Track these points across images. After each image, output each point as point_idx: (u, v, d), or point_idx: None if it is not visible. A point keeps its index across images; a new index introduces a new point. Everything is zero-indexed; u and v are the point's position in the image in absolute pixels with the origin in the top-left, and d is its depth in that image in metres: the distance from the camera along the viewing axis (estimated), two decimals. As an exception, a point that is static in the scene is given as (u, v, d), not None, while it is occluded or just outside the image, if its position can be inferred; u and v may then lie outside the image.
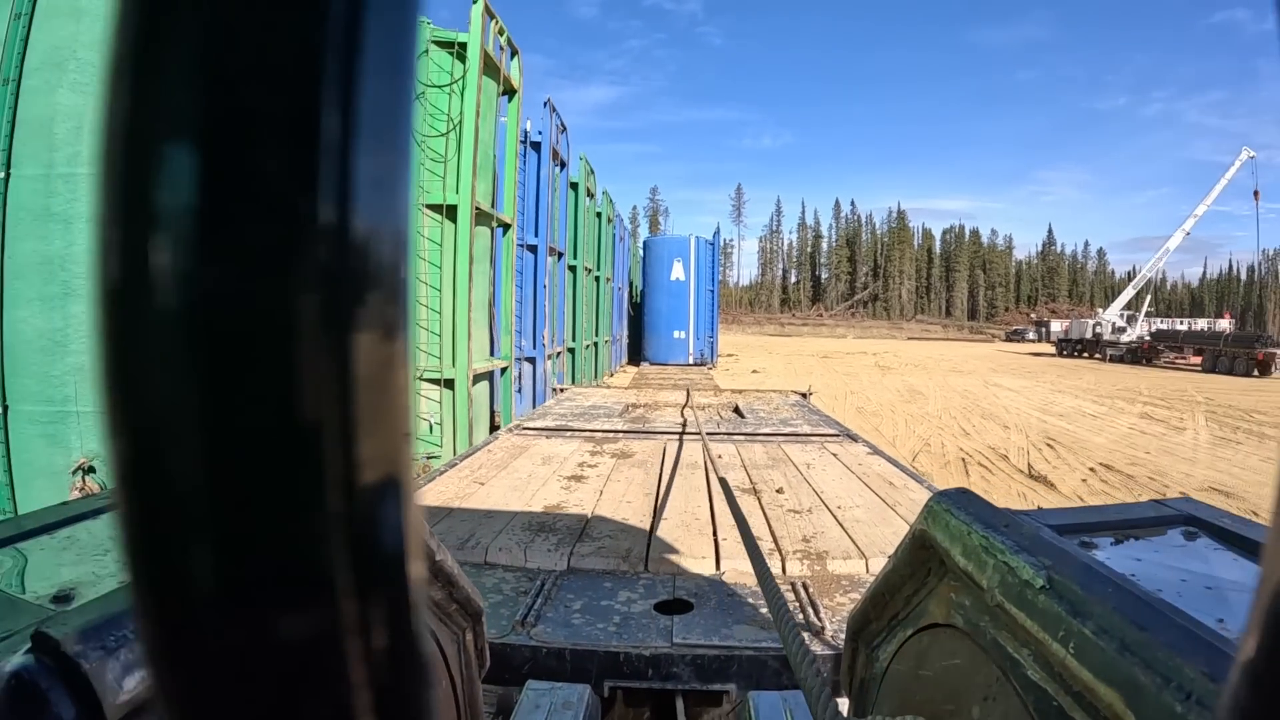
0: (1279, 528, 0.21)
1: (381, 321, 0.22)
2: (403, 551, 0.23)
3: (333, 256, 0.21)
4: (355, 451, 0.22)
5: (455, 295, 8.89)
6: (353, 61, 0.21)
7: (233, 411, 0.21)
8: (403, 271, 0.23)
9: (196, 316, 0.20)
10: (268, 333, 0.21)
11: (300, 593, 0.22)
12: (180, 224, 0.20)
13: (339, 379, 0.21)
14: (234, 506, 0.21)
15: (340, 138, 0.21)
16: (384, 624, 0.23)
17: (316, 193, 0.20)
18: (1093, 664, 0.76)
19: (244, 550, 0.21)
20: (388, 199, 0.22)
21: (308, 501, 0.21)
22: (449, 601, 1.39)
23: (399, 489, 0.23)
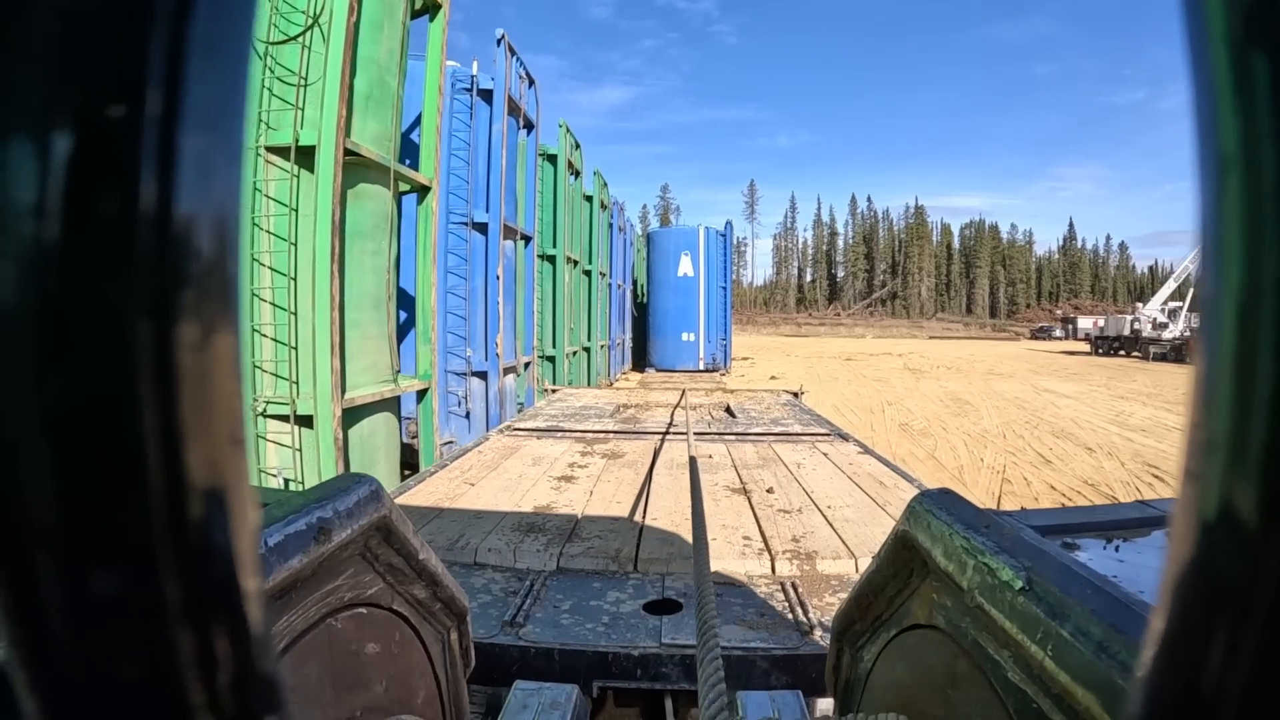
0: (1183, 511, 0.21)
1: (202, 319, 0.21)
2: (233, 564, 0.22)
3: (146, 247, 0.20)
4: (176, 456, 0.21)
5: (315, 287, 5.68)
6: (178, 43, 0.20)
7: (49, 417, 0.20)
8: (228, 263, 0.21)
9: (13, 317, 0.19)
10: (77, 331, 0.20)
11: (131, 607, 0.21)
12: (2, 219, 0.19)
13: (156, 381, 0.20)
14: (65, 518, 0.20)
15: (160, 124, 0.20)
16: (223, 646, 0.22)
17: (131, 178, 0.19)
18: (1070, 666, 0.75)
19: (78, 565, 0.20)
20: (212, 183, 0.21)
21: (128, 517, 0.20)
22: (433, 601, 1.37)
23: (227, 498, 0.22)
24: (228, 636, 0.22)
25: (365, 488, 1.13)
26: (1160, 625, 0.22)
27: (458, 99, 10.10)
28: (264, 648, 0.23)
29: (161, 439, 0.20)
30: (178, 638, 0.21)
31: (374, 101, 6.65)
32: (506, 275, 10.73)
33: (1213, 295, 0.21)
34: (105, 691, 0.21)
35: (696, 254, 26.98)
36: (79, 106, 0.19)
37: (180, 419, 0.21)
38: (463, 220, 9.82)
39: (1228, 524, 0.20)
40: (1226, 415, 0.20)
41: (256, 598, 0.23)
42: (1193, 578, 0.21)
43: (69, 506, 0.20)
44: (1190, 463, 0.21)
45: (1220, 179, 0.21)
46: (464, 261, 9.80)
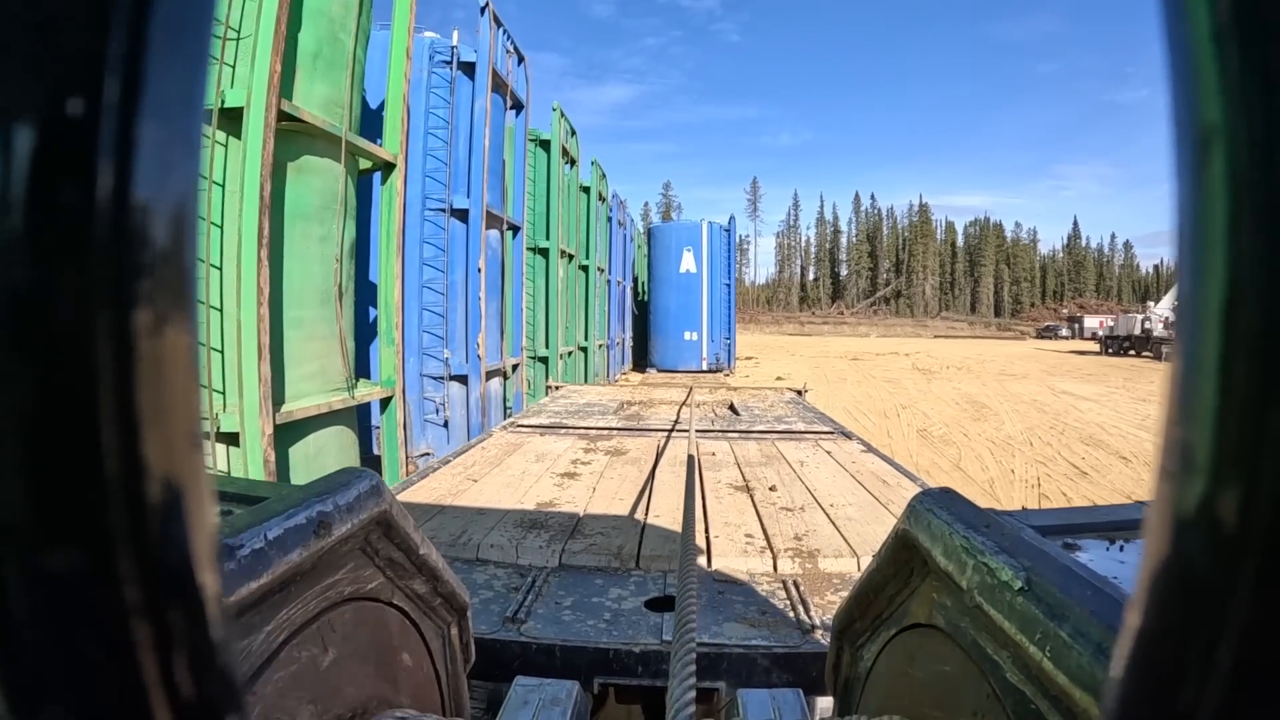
0: (1158, 510, 0.21)
1: (157, 309, 0.21)
2: (190, 562, 0.22)
3: (103, 237, 0.20)
4: (130, 451, 0.20)
5: (241, 277, 4.68)
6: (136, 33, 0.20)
7: (5, 407, 0.20)
8: (184, 256, 0.21)
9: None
10: (31, 322, 0.20)
11: (87, 603, 0.21)
12: None
13: (110, 374, 0.20)
14: (25, 511, 0.20)
15: (117, 105, 0.19)
16: (180, 642, 0.22)
17: (88, 168, 0.19)
18: (1069, 667, 0.75)
19: (35, 558, 0.20)
20: (169, 173, 0.21)
21: (84, 508, 0.20)
22: (433, 595, 1.38)
23: (184, 495, 0.22)
24: (186, 634, 0.22)
25: (366, 482, 1.12)
26: (1136, 624, 0.22)
27: (436, 73, 9.09)
28: (224, 646, 0.23)
29: (118, 431, 0.20)
30: (135, 635, 0.21)
31: (323, 61, 5.65)
32: (491, 268, 9.70)
33: (1190, 294, 0.21)
34: (66, 690, 0.21)
35: (699, 249, 25.97)
36: (37, 96, 0.19)
37: (137, 410, 0.20)
38: (440, 206, 8.80)
39: (1204, 523, 0.20)
40: (1203, 414, 0.20)
41: (215, 596, 0.23)
42: (1169, 577, 0.21)
43: (27, 498, 0.20)
44: (1166, 462, 0.21)
45: (1198, 170, 0.21)
46: (441, 252, 8.78)
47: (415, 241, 8.63)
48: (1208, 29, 0.20)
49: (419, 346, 8.64)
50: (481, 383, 8.99)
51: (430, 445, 8.69)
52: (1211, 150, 0.20)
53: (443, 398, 8.77)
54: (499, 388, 10.15)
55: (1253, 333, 0.19)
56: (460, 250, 8.97)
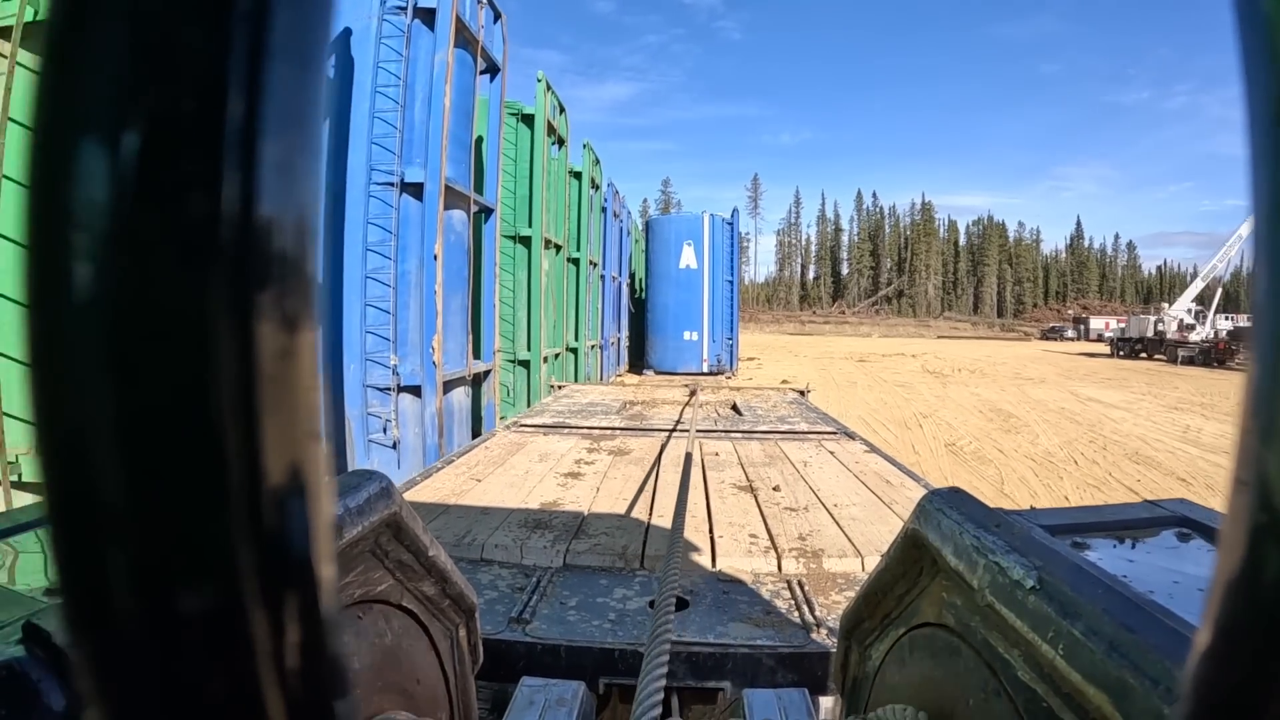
0: (1233, 522, 0.21)
1: (283, 314, 0.21)
2: (310, 557, 0.23)
3: (233, 247, 0.20)
4: (257, 450, 0.21)
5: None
6: (259, 46, 0.20)
7: (133, 412, 0.20)
8: (308, 262, 0.22)
9: (95, 315, 0.20)
10: (164, 328, 0.20)
11: (207, 600, 0.21)
12: (84, 220, 0.20)
13: (239, 374, 0.21)
14: (141, 512, 0.21)
15: (243, 125, 0.20)
16: (295, 633, 0.23)
17: (216, 182, 0.20)
18: (1082, 665, 0.75)
19: (151, 560, 0.21)
20: (292, 186, 0.21)
21: (209, 506, 0.21)
22: (442, 597, 1.39)
23: (305, 491, 0.23)
24: (301, 624, 0.23)
25: (376, 484, 1.12)
26: (1209, 632, 0.22)
27: (389, 21, 7.48)
28: (335, 634, 0.24)
29: (244, 436, 0.21)
30: (254, 627, 0.22)
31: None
32: (454, 256, 8.09)
33: (1267, 297, 0.21)
34: (178, 681, 0.21)
35: (700, 244, 24.37)
36: (162, 110, 0.20)
37: (261, 418, 0.21)
38: (390, 180, 7.21)
39: (1278, 531, 0.20)
40: (1278, 420, 0.20)
41: (331, 586, 0.24)
42: (1243, 585, 0.21)
43: (146, 506, 0.21)
44: (1240, 470, 0.21)
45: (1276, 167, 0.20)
46: (391, 235, 7.19)
47: (358, 222, 7.06)
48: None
49: (361, 351, 7.06)
50: (438, 395, 7.37)
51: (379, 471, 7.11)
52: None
53: (391, 413, 7.18)
54: (465, 399, 8.53)
55: None
56: (414, 233, 7.37)
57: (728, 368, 24.65)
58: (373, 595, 1.16)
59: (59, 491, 0.21)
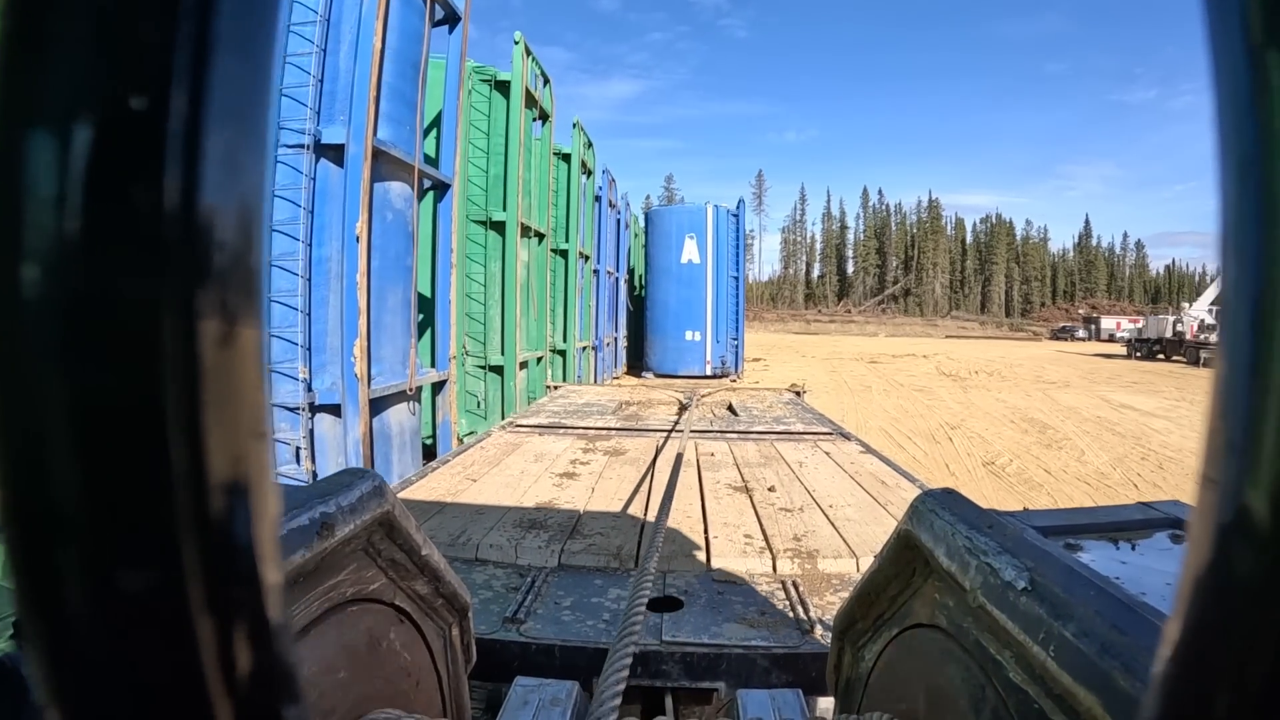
0: (1201, 520, 0.22)
1: (225, 308, 0.21)
2: (254, 556, 0.23)
3: (172, 241, 0.20)
4: (199, 448, 0.21)
5: None
6: (204, 38, 0.20)
7: (76, 408, 0.20)
8: (252, 255, 0.22)
9: (41, 311, 0.20)
10: (105, 323, 0.20)
11: (151, 599, 0.21)
12: (31, 216, 0.20)
13: (183, 369, 0.21)
14: (87, 507, 0.21)
15: (186, 118, 0.20)
16: (242, 634, 0.22)
17: (158, 175, 0.20)
18: (1073, 667, 0.75)
19: (97, 556, 0.21)
20: (236, 179, 0.21)
21: (152, 503, 0.21)
22: (435, 596, 1.40)
23: (249, 490, 0.22)
24: (248, 628, 0.22)
25: (368, 483, 1.13)
26: (1178, 628, 0.22)
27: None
28: (284, 640, 0.24)
29: (186, 432, 0.21)
30: (199, 629, 0.21)
31: None
32: (393, 239, 6.47)
33: (1234, 299, 0.21)
34: (126, 682, 0.21)
35: (704, 237, 22.79)
36: (106, 101, 0.20)
37: (205, 412, 0.21)
38: (300, 142, 5.60)
39: (1245, 529, 0.20)
40: (1245, 421, 0.20)
41: (277, 590, 0.23)
42: (1210, 582, 0.21)
43: (94, 500, 0.20)
44: (1208, 468, 0.22)
45: (1243, 172, 0.20)
46: (302, 211, 5.59)
47: (259, 194, 5.45)
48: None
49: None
50: (363, 415, 5.74)
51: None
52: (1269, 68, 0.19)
53: (302, 439, 5.58)
54: (407, 418, 6.88)
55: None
56: (334, 209, 5.76)
57: (733, 370, 23.10)
58: (365, 594, 1.16)
59: (11, 486, 0.20)
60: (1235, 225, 0.20)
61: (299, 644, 0.95)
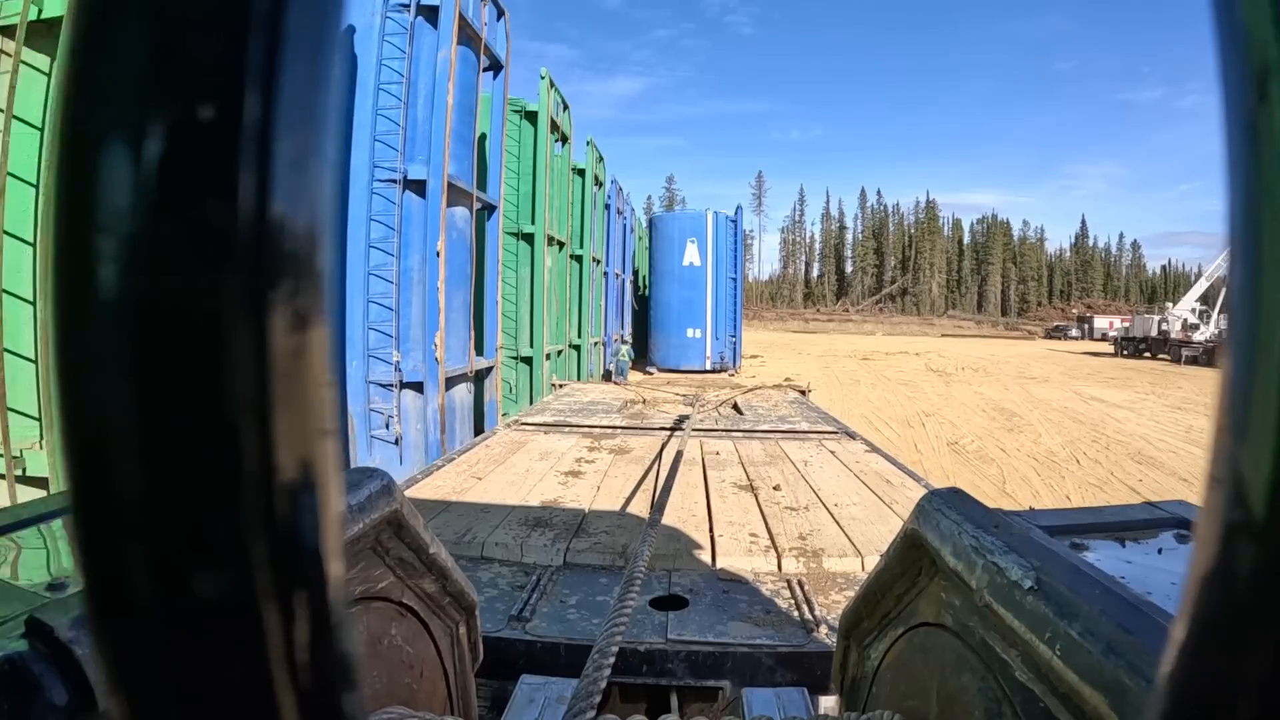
0: (1208, 519, 0.22)
1: (295, 312, 0.22)
2: (320, 552, 0.23)
3: (247, 247, 0.21)
4: (270, 446, 0.21)
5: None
6: (274, 47, 0.21)
7: (152, 409, 0.21)
8: (319, 260, 0.22)
9: (118, 316, 0.20)
10: (180, 326, 0.21)
11: (221, 594, 0.22)
12: (108, 224, 0.20)
13: (254, 371, 0.21)
14: (158, 506, 0.21)
15: (258, 127, 0.21)
16: (305, 627, 0.23)
17: (232, 184, 0.20)
18: (1079, 666, 0.75)
19: (167, 554, 0.21)
20: (304, 186, 0.22)
21: (223, 501, 0.21)
22: (442, 595, 1.38)
23: (316, 487, 0.23)
24: (313, 623, 0.23)
25: (377, 482, 1.12)
26: (1184, 627, 0.22)
27: (392, 18, 7.51)
28: (344, 629, 0.24)
29: (256, 437, 0.21)
30: (267, 625, 0.22)
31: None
32: (457, 252, 8.12)
33: (1242, 299, 0.21)
34: (192, 678, 0.22)
35: (704, 241, 24.32)
36: (181, 111, 0.20)
37: (273, 415, 0.21)
38: (392, 177, 7.23)
39: (1253, 529, 0.20)
40: (1256, 421, 0.20)
41: (339, 582, 0.24)
42: (1217, 581, 0.21)
43: (163, 501, 0.21)
44: (1216, 470, 0.21)
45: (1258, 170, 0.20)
46: (393, 232, 7.22)
47: (361, 219, 7.09)
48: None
49: (364, 347, 7.09)
50: (441, 391, 7.41)
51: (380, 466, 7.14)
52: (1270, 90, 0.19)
53: (393, 409, 7.21)
54: (467, 396, 8.56)
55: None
56: (417, 230, 7.41)
57: (731, 365, 24.63)
58: (374, 592, 1.16)
59: (82, 485, 0.21)
60: (1242, 226, 0.20)
61: None
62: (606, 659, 1.26)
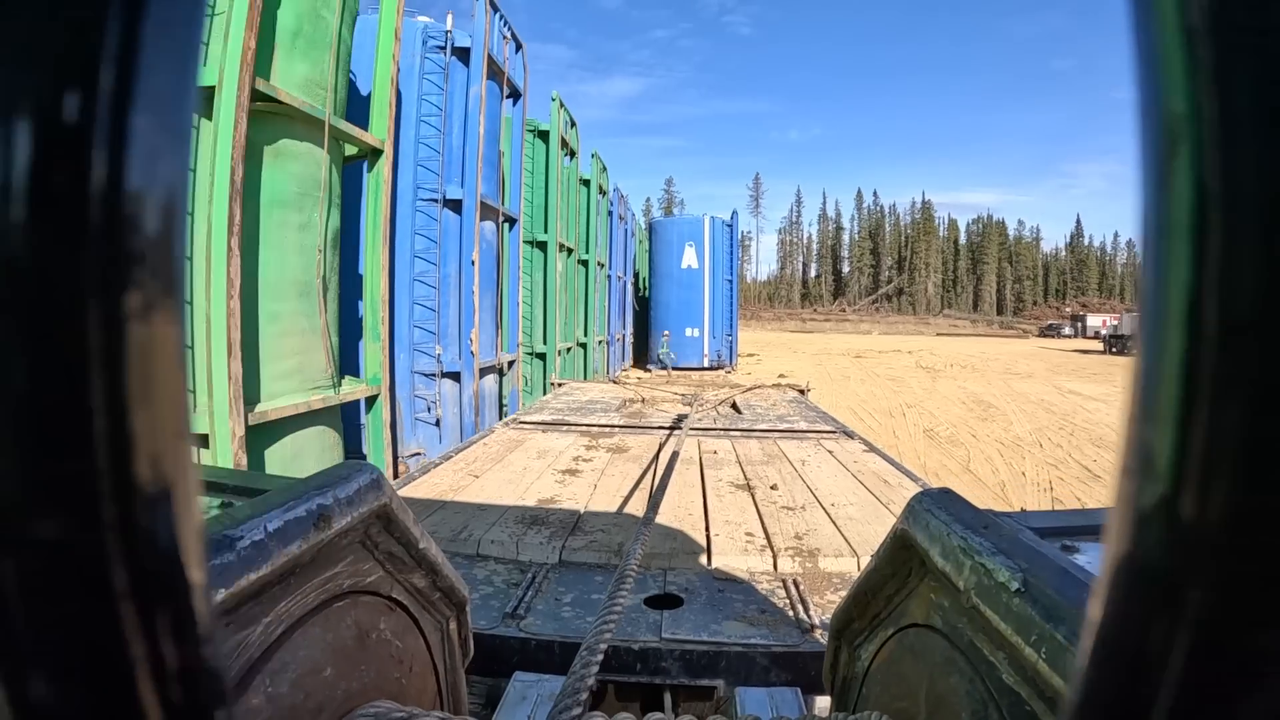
0: (1119, 508, 0.22)
1: (146, 296, 0.21)
2: (178, 557, 0.22)
3: (96, 225, 0.20)
4: (123, 438, 0.21)
5: (210, 267, 4.34)
6: (132, 28, 0.20)
7: (4, 398, 0.20)
8: (175, 242, 0.21)
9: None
10: (31, 306, 0.20)
11: (82, 598, 0.21)
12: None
13: (100, 357, 0.20)
14: (20, 508, 0.20)
15: (112, 103, 0.20)
16: (168, 637, 0.22)
17: (83, 157, 0.20)
18: (1064, 670, 0.75)
19: (26, 560, 0.20)
20: (160, 162, 0.21)
21: (77, 499, 0.20)
22: (432, 590, 1.38)
23: (173, 490, 0.22)
24: (173, 629, 0.22)
25: (366, 475, 1.12)
26: (1098, 616, 0.22)
27: (430, 59, 8.75)
28: (210, 641, 0.23)
29: (108, 415, 0.20)
30: (126, 630, 0.21)
31: (304, 40, 5.31)
32: (486, 261, 9.37)
33: (1151, 291, 0.21)
34: (62, 680, 0.21)
35: (701, 245, 25.65)
36: (34, 87, 0.19)
37: (127, 396, 0.20)
38: (433, 196, 8.47)
39: (1162, 519, 0.21)
40: (1162, 413, 0.21)
41: (202, 591, 0.23)
42: (1129, 570, 0.21)
43: (19, 478, 0.20)
44: (1128, 460, 0.22)
45: (1164, 167, 0.21)
46: (434, 244, 8.45)
47: (407, 233, 8.31)
48: (1177, 25, 0.20)
49: (410, 342, 8.31)
50: (475, 380, 8.66)
51: (422, 445, 8.38)
52: (1177, 144, 0.20)
53: (434, 395, 8.44)
54: (494, 385, 9.83)
55: (1210, 335, 0.19)
56: (453, 242, 8.64)
57: (727, 363, 25.86)
58: (362, 586, 1.16)
59: None
60: (1152, 218, 0.21)
61: (296, 634, 0.98)
62: (595, 656, 1.25)
